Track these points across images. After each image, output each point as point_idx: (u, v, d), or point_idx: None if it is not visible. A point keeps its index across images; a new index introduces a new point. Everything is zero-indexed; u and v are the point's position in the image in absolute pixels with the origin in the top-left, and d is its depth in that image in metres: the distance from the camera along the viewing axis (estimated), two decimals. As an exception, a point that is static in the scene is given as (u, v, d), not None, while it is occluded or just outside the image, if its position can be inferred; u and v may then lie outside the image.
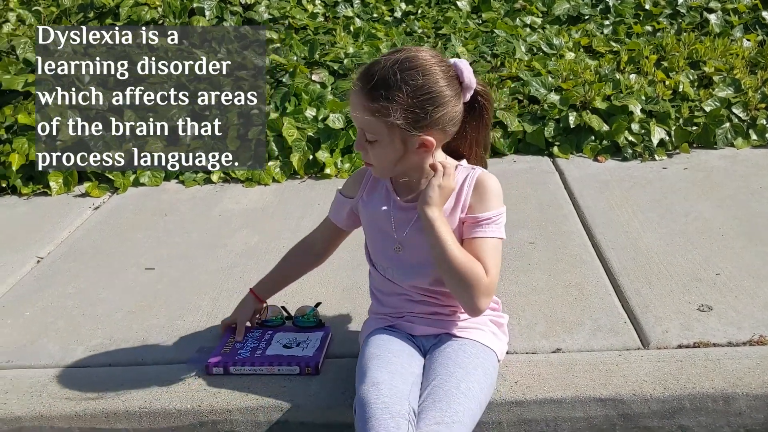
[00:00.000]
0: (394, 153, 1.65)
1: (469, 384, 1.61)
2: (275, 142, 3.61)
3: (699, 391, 1.83)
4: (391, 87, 1.57)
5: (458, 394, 1.57)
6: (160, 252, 2.82)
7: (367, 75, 1.60)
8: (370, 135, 1.63)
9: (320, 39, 4.47)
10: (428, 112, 1.59)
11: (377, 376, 1.59)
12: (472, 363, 1.69)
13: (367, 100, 1.59)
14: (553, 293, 2.33)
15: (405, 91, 1.57)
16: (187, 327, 2.27)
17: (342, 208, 1.95)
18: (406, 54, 1.60)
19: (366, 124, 1.62)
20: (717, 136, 3.56)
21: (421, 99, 1.58)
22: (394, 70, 1.57)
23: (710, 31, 4.54)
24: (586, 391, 1.85)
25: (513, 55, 4.22)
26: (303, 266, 2.14)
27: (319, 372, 1.95)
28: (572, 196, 3.09)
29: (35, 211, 3.32)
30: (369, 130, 1.62)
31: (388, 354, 1.70)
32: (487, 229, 1.69)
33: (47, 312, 2.43)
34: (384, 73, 1.58)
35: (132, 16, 4.86)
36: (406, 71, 1.57)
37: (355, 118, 1.64)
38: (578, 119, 3.60)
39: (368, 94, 1.59)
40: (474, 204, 1.71)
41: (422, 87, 1.58)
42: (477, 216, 1.69)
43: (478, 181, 1.71)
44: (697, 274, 2.39)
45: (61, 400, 1.95)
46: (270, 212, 3.16)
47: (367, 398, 1.53)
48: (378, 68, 1.59)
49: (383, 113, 1.58)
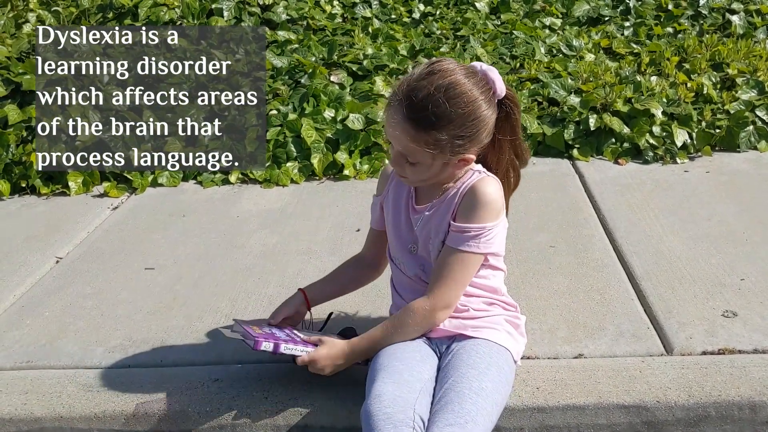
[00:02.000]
0: (432, 172, 1.68)
1: (481, 383, 1.58)
2: (294, 143, 3.60)
3: (724, 398, 1.80)
4: (440, 119, 1.58)
5: (470, 394, 1.55)
6: (178, 252, 2.82)
7: (412, 101, 1.58)
8: (411, 158, 1.64)
9: (339, 40, 4.46)
10: (473, 136, 1.63)
11: (380, 388, 1.58)
12: (485, 362, 1.66)
13: (413, 128, 1.59)
14: (574, 298, 2.31)
15: (454, 122, 1.59)
16: (206, 328, 2.27)
17: (375, 211, 1.96)
18: (447, 79, 1.58)
19: (409, 151, 1.63)
20: (740, 139, 3.52)
21: (468, 126, 1.61)
22: (441, 99, 1.57)
23: (733, 32, 4.48)
24: (609, 397, 1.83)
25: (532, 57, 4.19)
26: (358, 278, 2.09)
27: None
28: (593, 200, 3.06)
29: (54, 211, 3.34)
30: (411, 155, 1.63)
31: (395, 363, 1.67)
32: (465, 243, 1.69)
33: (66, 312, 2.43)
34: (431, 101, 1.57)
35: (151, 17, 4.87)
36: (453, 99, 1.58)
37: (395, 139, 1.63)
38: (599, 122, 3.57)
39: (415, 122, 1.58)
40: (460, 212, 1.71)
41: (469, 115, 1.60)
42: (459, 226, 1.70)
43: (471, 188, 1.71)
44: (721, 279, 2.36)
45: (81, 401, 1.95)
46: (288, 213, 3.15)
47: (370, 410, 1.52)
48: (423, 95, 1.57)
49: (429, 144, 1.60)
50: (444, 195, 1.74)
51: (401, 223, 1.83)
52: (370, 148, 3.63)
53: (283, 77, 4.06)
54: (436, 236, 1.75)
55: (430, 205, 1.76)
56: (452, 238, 1.71)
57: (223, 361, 2.08)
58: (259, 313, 2.32)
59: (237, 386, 1.94)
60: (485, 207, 1.68)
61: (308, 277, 2.53)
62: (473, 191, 1.69)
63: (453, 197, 1.73)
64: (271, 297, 2.42)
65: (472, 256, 1.71)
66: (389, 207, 1.87)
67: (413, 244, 1.81)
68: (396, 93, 1.61)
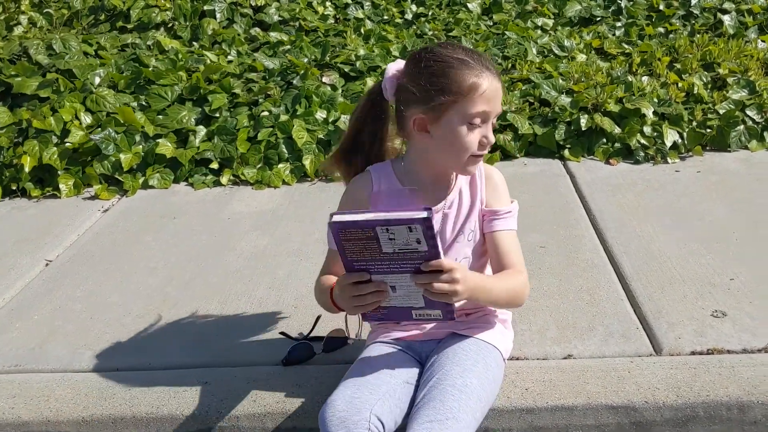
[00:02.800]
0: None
1: (466, 380, 1.56)
2: (285, 144, 3.60)
3: (713, 399, 1.80)
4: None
5: (453, 391, 1.52)
6: (168, 255, 2.81)
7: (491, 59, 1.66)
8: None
9: (331, 41, 4.46)
10: None
11: (338, 392, 1.56)
12: (471, 359, 1.64)
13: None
14: (564, 298, 2.31)
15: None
16: (195, 331, 2.26)
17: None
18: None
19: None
20: (731, 138, 3.52)
21: None
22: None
23: (724, 32, 4.49)
24: (598, 398, 1.83)
25: (524, 57, 4.19)
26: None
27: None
28: (583, 200, 3.06)
29: (45, 213, 3.33)
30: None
31: (364, 367, 1.66)
32: (508, 221, 1.75)
33: (56, 315, 2.42)
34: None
35: (143, 18, 4.86)
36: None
37: (500, 103, 1.66)
38: (590, 122, 3.57)
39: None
40: (490, 198, 1.75)
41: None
42: (496, 210, 1.74)
43: (488, 173, 1.77)
44: (711, 279, 2.36)
45: (69, 405, 1.94)
46: (280, 215, 3.14)
47: (324, 416, 1.50)
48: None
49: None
50: (454, 191, 1.74)
51: None
52: (362, 149, 3.61)
53: (275, 78, 4.05)
54: (467, 228, 1.74)
55: (446, 203, 1.73)
56: (500, 221, 1.74)
57: (211, 364, 2.07)
58: (248, 316, 2.32)
59: (225, 389, 1.93)
60: (506, 186, 1.80)
61: (298, 279, 2.53)
62: (493, 177, 1.77)
63: (472, 187, 1.75)
64: (261, 299, 2.42)
65: (516, 232, 1.78)
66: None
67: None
68: (479, 70, 1.58)
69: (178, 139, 3.72)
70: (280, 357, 2.05)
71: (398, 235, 1.35)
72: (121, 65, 4.18)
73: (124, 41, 4.66)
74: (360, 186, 1.77)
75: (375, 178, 1.76)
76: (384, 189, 1.74)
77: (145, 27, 4.85)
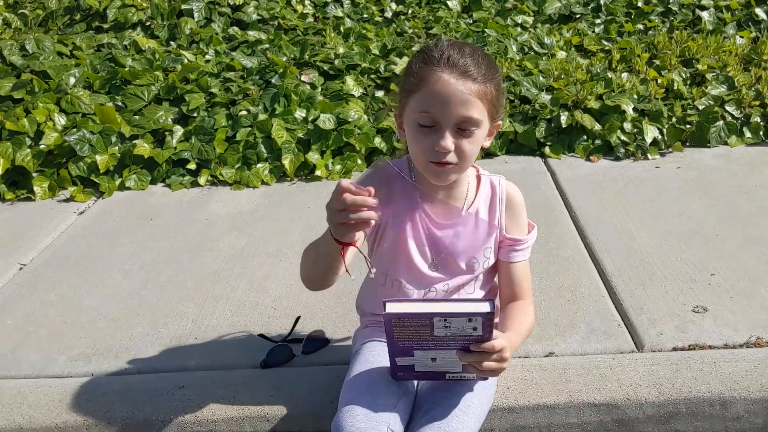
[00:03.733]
0: (479, 142, 1.52)
1: (468, 400, 1.53)
2: (264, 143, 3.56)
3: (695, 395, 1.79)
4: (490, 71, 1.48)
5: (457, 412, 1.50)
6: (145, 257, 2.77)
7: (465, 57, 1.46)
8: (473, 121, 1.46)
9: (310, 39, 4.42)
10: (502, 97, 1.55)
11: (352, 404, 1.48)
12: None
13: (474, 82, 1.45)
14: (545, 296, 2.29)
15: (496, 78, 1.51)
16: (171, 335, 2.22)
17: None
18: (470, 45, 1.54)
19: (473, 109, 1.45)
20: (710, 134, 3.53)
21: (500, 85, 1.54)
22: (483, 55, 1.50)
23: (703, 28, 4.51)
24: (580, 396, 1.81)
25: (504, 55, 4.18)
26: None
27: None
28: (564, 197, 3.05)
29: (18, 216, 3.26)
30: (475, 113, 1.45)
31: (371, 373, 1.60)
32: (524, 252, 1.70)
33: (29, 320, 2.37)
34: (479, 56, 1.49)
35: (119, 18, 4.80)
36: (487, 56, 1.53)
37: (457, 103, 1.44)
38: (570, 119, 3.56)
39: (475, 76, 1.45)
40: (509, 224, 1.67)
41: (498, 74, 1.53)
42: (517, 239, 1.68)
43: (508, 196, 1.67)
44: (692, 275, 2.35)
45: (42, 411, 1.89)
46: (259, 215, 3.10)
47: (341, 425, 1.43)
48: (470, 51, 1.48)
49: (488, 97, 1.48)
50: (472, 206, 1.64)
51: (423, 241, 1.64)
52: (342, 148, 3.59)
53: (253, 77, 4.01)
54: (480, 252, 1.65)
55: (459, 221, 1.63)
56: (517, 252, 1.68)
57: (188, 368, 2.04)
58: (226, 318, 2.28)
59: (203, 393, 1.90)
60: (525, 210, 1.71)
61: (277, 280, 2.50)
62: (515, 201, 1.68)
63: (491, 209, 1.65)
64: (239, 301, 2.38)
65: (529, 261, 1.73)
66: (402, 222, 1.63)
67: (436, 262, 1.66)
68: (434, 62, 1.45)
69: (155, 139, 3.67)
70: (258, 360, 2.01)
71: (455, 324, 1.36)
72: (96, 65, 4.12)
73: (100, 41, 4.59)
74: (382, 175, 1.64)
75: (394, 177, 1.63)
76: (398, 189, 1.63)
77: (121, 27, 4.79)
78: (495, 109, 1.51)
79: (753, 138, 3.53)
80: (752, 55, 4.00)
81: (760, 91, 3.65)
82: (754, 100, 3.61)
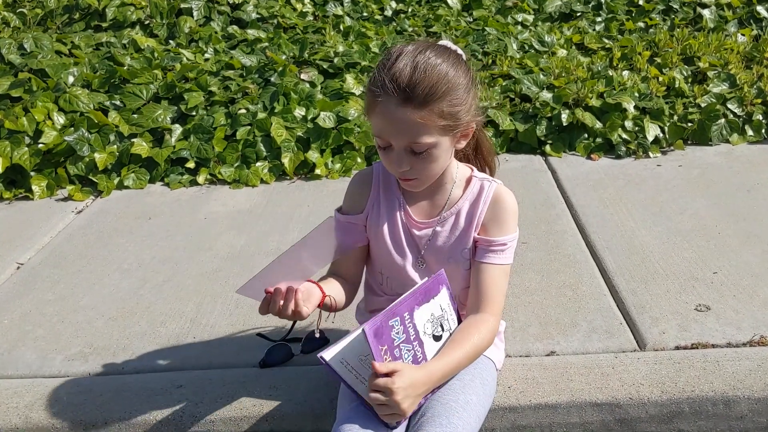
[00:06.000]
0: (444, 157, 1.50)
1: (468, 397, 1.52)
2: (263, 142, 3.54)
3: (698, 394, 1.77)
4: (436, 87, 1.41)
5: (457, 407, 1.48)
6: (143, 256, 2.75)
7: (402, 84, 1.40)
8: (422, 145, 1.44)
9: (310, 38, 4.40)
10: (466, 100, 1.48)
11: (353, 414, 1.46)
12: (470, 373, 1.59)
13: (418, 108, 1.40)
14: (546, 294, 2.27)
15: (447, 89, 1.42)
16: (169, 334, 2.20)
17: (353, 232, 1.69)
18: (419, 55, 1.43)
19: (420, 133, 1.43)
20: (712, 132, 3.51)
21: (458, 90, 1.45)
22: (427, 71, 1.40)
23: (704, 26, 4.49)
24: (582, 395, 1.79)
25: (504, 53, 4.16)
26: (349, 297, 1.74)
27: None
28: (565, 195, 3.03)
29: (16, 215, 3.24)
30: (423, 138, 1.43)
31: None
32: (500, 255, 1.59)
33: (26, 320, 2.35)
34: (420, 76, 1.40)
35: (118, 17, 4.78)
36: (435, 68, 1.42)
37: (400, 132, 1.43)
38: (571, 117, 3.54)
39: (416, 101, 1.40)
40: (488, 224, 1.60)
41: (455, 78, 1.44)
42: (491, 240, 1.59)
43: (495, 196, 1.61)
44: (694, 273, 2.34)
45: (38, 411, 1.88)
46: (258, 214, 3.09)
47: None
48: (409, 73, 1.40)
49: (437, 117, 1.42)
50: (454, 207, 1.62)
51: (401, 240, 1.64)
52: (342, 146, 3.57)
53: (252, 76, 3.99)
54: (459, 253, 1.62)
55: (439, 219, 1.62)
56: (492, 254, 1.59)
57: (186, 367, 2.02)
58: (225, 317, 2.27)
59: (200, 393, 1.88)
60: (514, 216, 1.62)
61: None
62: (501, 202, 1.61)
63: (472, 208, 1.61)
64: (237, 300, 2.36)
65: (509, 267, 1.63)
66: (380, 221, 1.65)
67: (419, 260, 1.66)
68: (378, 88, 1.42)
69: (154, 138, 3.65)
70: (257, 359, 2.00)
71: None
72: (95, 64, 4.10)
73: (98, 40, 4.57)
74: (360, 183, 1.69)
75: (375, 180, 1.67)
76: (382, 193, 1.66)
77: (120, 25, 4.77)
78: (454, 121, 1.44)
79: (755, 136, 3.51)
80: (754, 53, 3.99)
81: (761, 88, 3.63)
82: (755, 98, 3.59)
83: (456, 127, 1.47)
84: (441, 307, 1.55)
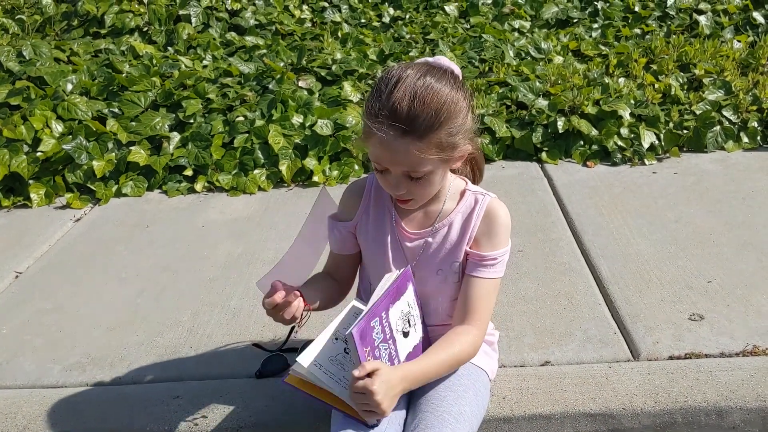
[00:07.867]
0: (439, 179, 1.52)
1: (460, 408, 1.53)
2: (261, 149, 3.55)
3: (691, 404, 1.79)
4: (435, 118, 1.41)
5: (450, 419, 1.49)
6: (141, 265, 2.76)
7: (401, 116, 1.40)
8: (419, 172, 1.46)
9: (307, 45, 4.42)
10: (463, 124, 1.48)
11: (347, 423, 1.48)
12: (463, 384, 1.61)
13: (417, 139, 1.41)
14: (541, 303, 2.28)
15: (448, 116, 1.43)
16: (167, 344, 2.21)
17: (338, 235, 1.71)
18: (416, 82, 1.42)
19: (417, 164, 1.45)
20: (708, 139, 3.52)
21: (456, 115, 1.45)
22: (425, 100, 1.41)
23: (700, 32, 4.51)
24: (576, 405, 1.80)
25: (501, 60, 4.18)
26: (338, 295, 1.79)
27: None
28: (561, 203, 3.04)
29: (15, 224, 3.25)
30: (419, 168, 1.45)
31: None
32: (491, 270, 1.59)
33: (24, 329, 2.37)
34: (419, 107, 1.40)
35: (116, 24, 4.80)
36: (434, 96, 1.42)
37: (397, 161, 1.45)
38: (567, 124, 3.56)
39: (416, 133, 1.41)
40: (481, 238, 1.60)
41: (453, 103, 1.44)
42: (483, 255, 1.59)
43: (488, 210, 1.61)
44: (689, 281, 2.35)
45: (36, 422, 1.89)
46: (255, 222, 3.10)
47: None
48: (407, 104, 1.40)
49: (434, 147, 1.43)
50: (446, 219, 1.62)
51: (389, 250, 1.65)
52: (340, 153, 3.59)
53: (250, 83, 4.01)
54: (449, 265, 1.62)
55: (431, 230, 1.62)
56: (483, 268, 1.59)
57: (183, 378, 2.03)
58: (222, 327, 2.28)
59: (197, 403, 1.89)
60: (507, 230, 1.61)
61: (273, 288, 2.49)
62: (494, 217, 1.60)
63: (465, 222, 1.61)
64: (234, 309, 2.37)
65: (499, 280, 1.64)
66: (370, 231, 1.67)
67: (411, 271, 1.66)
68: (375, 117, 1.41)
69: (152, 146, 3.66)
70: (253, 369, 2.01)
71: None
72: (93, 71, 4.11)
73: (97, 47, 4.59)
74: (352, 193, 1.72)
75: (367, 192, 1.68)
76: (372, 204, 1.67)
77: (119, 32, 4.79)
78: (450, 149, 1.46)
79: (750, 143, 3.53)
80: (750, 60, 4.00)
81: (757, 95, 3.64)
82: (751, 105, 3.61)
83: (453, 155, 1.49)
84: (408, 303, 1.58)
